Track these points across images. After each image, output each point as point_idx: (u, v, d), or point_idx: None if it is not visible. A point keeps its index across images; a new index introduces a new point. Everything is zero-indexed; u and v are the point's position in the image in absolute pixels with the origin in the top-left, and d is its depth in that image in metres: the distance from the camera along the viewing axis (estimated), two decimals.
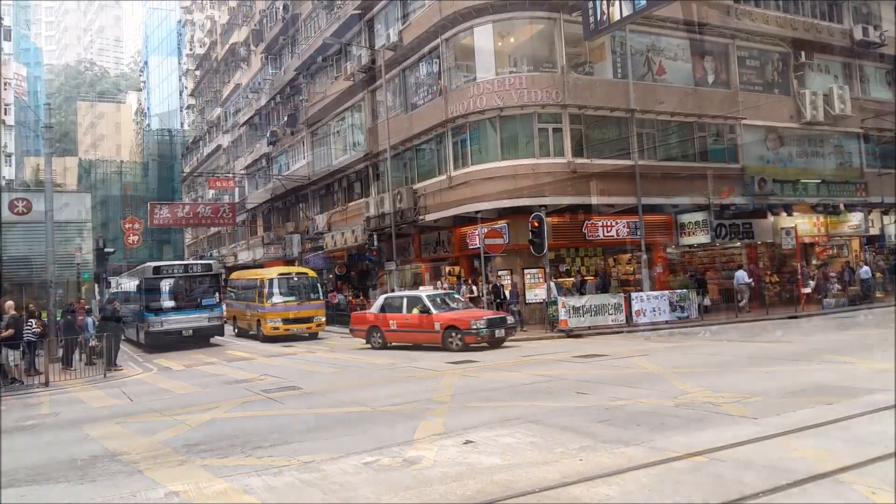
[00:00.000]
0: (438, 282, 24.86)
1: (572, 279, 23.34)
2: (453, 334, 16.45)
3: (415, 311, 17.60)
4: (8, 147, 65.49)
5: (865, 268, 25.19)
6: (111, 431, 9.36)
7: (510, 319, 17.85)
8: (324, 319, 23.75)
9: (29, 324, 17.10)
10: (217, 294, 22.92)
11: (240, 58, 50.87)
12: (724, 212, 24.95)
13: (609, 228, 23.46)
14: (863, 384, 9.05)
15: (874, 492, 4.82)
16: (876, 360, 11.16)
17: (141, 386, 14.47)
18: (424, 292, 18.97)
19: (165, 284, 22.08)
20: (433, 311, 17.16)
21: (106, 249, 27.04)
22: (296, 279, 24.02)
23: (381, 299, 19.49)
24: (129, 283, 25.80)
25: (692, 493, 5.01)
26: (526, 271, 23.14)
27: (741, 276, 23.53)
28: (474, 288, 22.88)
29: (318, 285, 24.82)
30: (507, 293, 22.03)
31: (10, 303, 16.04)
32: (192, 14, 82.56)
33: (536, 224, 19.79)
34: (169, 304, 21.84)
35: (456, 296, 19.48)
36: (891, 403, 7.26)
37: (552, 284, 21.17)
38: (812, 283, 24.35)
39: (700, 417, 7.67)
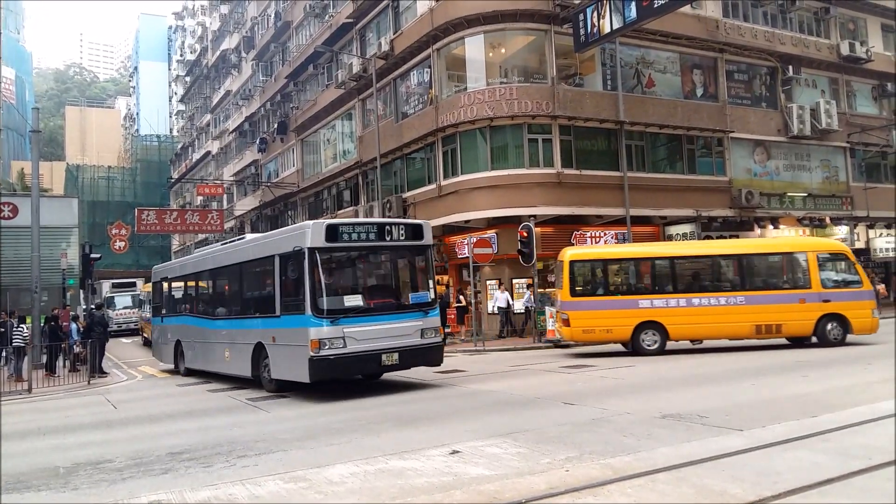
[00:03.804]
0: None
1: None
2: None
3: None
4: None
5: None
6: (94, 439, 9.27)
7: None
8: None
9: (20, 329, 16.93)
10: (431, 284, 12.24)
11: (230, 64, 50.85)
12: (711, 224, 25.14)
13: (597, 239, 23.57)
14: (847, 397, 9.11)
15: None
16: (860, 373, 11.24)
17: (125, 394, 14.35)
18: None
19: (347, 263, 11.85)
20: None
21: (92, 255, 26.79)
22: None
23: None
24: (237, 263, 13.79)
25: None
26: (514, 281, 23.17)
27: None
28: (461, 297, 22.87)
29: None
30: None
31: None
32: (183, 20, 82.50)
33: (525, 234, 19.82)
34: (353, 301, 11.21)
35: None
36: (873, 416, 7.32)
37: None
38: None
39: (686, 429, 7.69)
